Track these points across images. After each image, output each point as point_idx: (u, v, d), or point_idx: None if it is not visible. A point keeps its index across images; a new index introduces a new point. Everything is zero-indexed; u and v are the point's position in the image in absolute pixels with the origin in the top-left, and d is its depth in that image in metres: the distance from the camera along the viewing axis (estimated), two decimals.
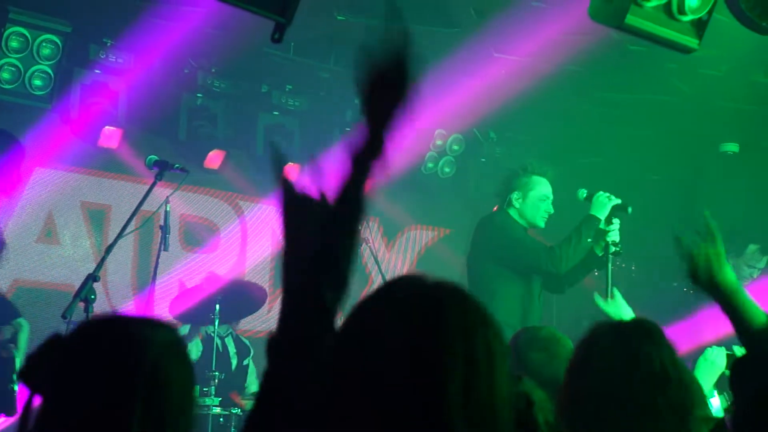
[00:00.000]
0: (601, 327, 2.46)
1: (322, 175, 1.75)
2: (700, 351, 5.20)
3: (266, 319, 7.24)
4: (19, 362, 5.20)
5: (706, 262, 2.77)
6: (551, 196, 5.93)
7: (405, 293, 1.55)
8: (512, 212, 5.94)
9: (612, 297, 4.82)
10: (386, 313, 1.52)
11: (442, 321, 1.50)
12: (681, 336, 2.89)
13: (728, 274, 2.79)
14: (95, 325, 1.93)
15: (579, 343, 2.49)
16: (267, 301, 6.68)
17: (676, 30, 3.96)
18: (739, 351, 3.09)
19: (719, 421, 2.47)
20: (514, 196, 5.92)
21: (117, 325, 1.90)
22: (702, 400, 2.33)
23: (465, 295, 1.57)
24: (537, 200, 5.90)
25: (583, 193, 5.81)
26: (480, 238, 5.96)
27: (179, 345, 1.90)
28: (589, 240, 5.70)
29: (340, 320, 1.62)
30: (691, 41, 4.05)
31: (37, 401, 1.81)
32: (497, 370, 1.51)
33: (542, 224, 5.93)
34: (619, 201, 5.67)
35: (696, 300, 6.98)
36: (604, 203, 5.63)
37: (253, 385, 6.81)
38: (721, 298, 2.79)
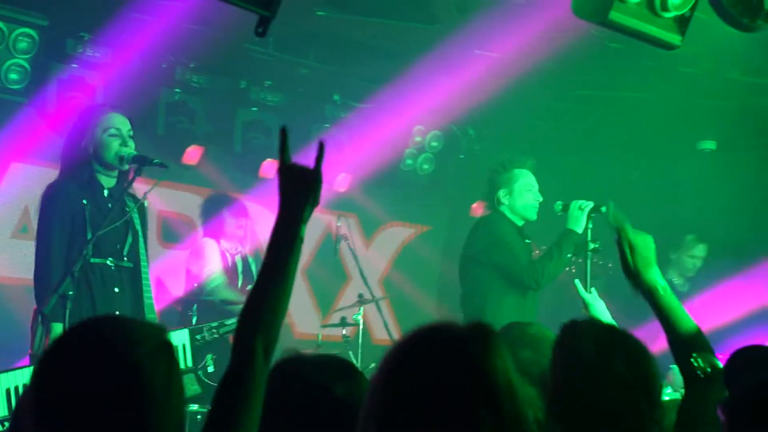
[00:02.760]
0: (582, 339, 2.40)
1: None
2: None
3: None
4: None
5: (633, 259, 2.78)
6: (536, 185, 5.91)
7: None
8: (504, 210, 5.92)
9: (590, 293, 4.83)
10: None
11: None
12: (658, 334, 2.88)
13: (652, 274, 2.78)
14: (85, 325, 1.94)
15: (558, 348, 2.46)
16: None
17: (658, 26, 3.97)
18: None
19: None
20: (501, 193, 5.90)
21: (106, 323, 1.94)
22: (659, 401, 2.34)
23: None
24: (524, 191, 5.88)
25: (558, 205, 5.82)
26: (472, 241, 5.94)
27: (165, 346, 1.88)
28: (569, 255, 5.71)
29: None
30: (674, 38, 4.05)
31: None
32: None
33: (534, 216, 5.91)
34: (591, 204, 5.66)
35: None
36: (579, 215, 5.63)
37: None
38: (648, 299, 2.79)
